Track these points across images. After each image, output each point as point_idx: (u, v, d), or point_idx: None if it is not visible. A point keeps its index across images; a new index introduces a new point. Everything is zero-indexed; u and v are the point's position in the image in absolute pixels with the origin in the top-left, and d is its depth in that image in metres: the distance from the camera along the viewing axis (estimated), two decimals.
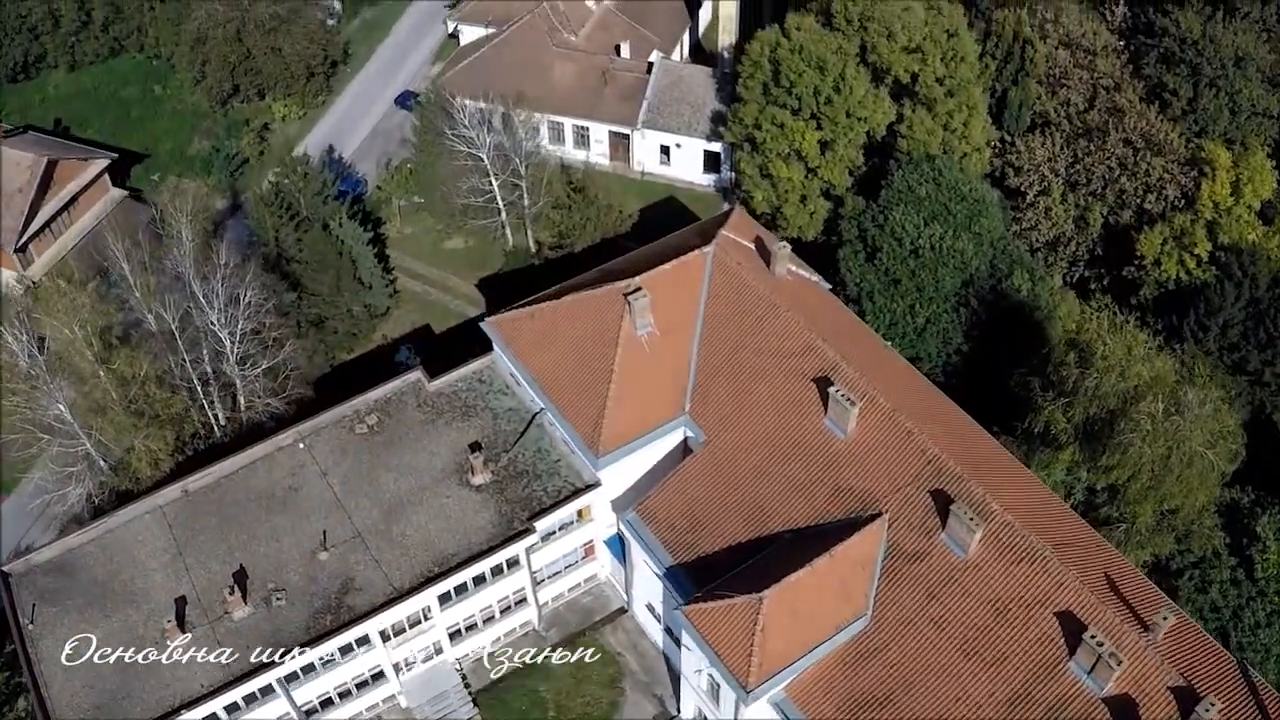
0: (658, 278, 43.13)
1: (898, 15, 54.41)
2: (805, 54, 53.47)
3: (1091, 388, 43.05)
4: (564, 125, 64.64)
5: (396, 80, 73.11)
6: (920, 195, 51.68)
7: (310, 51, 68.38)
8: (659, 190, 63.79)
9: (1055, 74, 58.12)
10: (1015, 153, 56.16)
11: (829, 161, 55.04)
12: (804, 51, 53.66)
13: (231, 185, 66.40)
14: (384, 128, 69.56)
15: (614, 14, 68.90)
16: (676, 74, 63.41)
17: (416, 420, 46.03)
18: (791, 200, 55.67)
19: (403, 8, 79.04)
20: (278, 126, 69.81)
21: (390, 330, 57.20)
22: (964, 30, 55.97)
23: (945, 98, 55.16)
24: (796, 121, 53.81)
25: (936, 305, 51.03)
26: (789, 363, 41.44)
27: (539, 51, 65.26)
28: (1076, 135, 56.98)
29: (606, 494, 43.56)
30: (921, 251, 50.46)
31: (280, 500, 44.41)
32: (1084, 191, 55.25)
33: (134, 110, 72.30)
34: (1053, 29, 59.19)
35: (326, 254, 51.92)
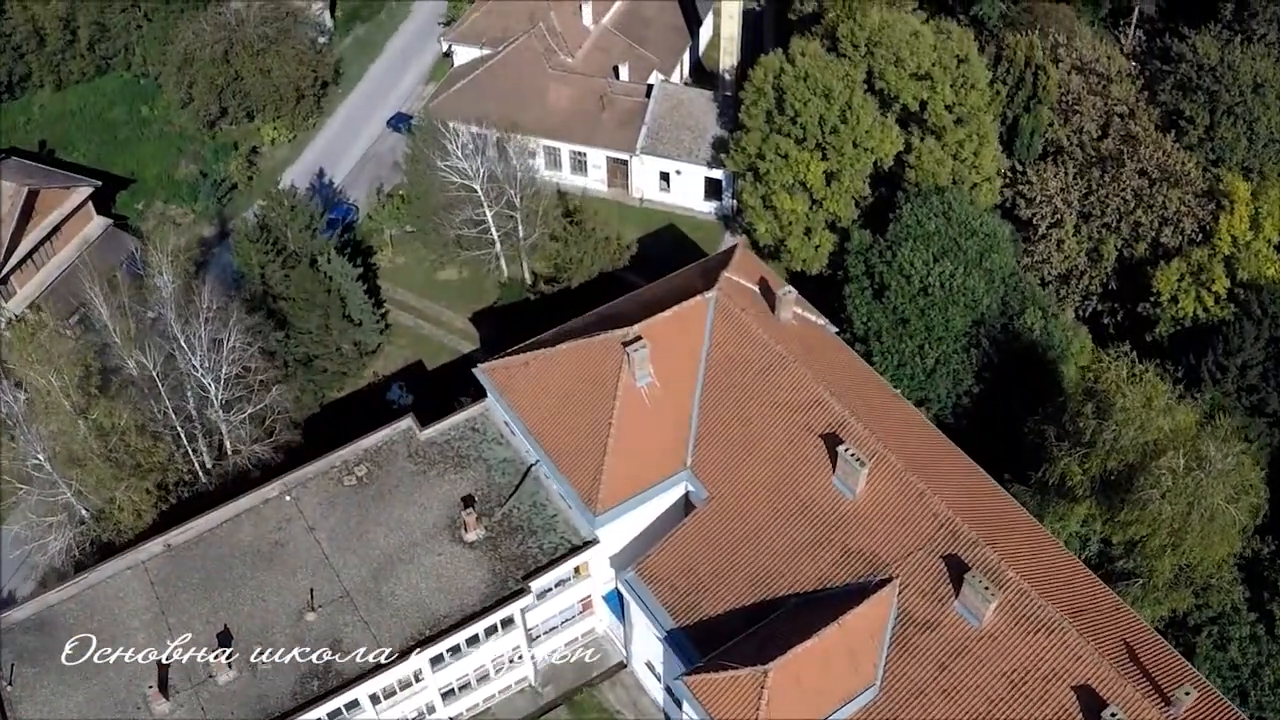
0: (657, 326, 41.43)
1: (906, 41, 52.60)
2: (810, 81, 51.67)
3: (1110, 440, 41.39)
4: (560, 150, 62.81)
5: (389, 100, 71.20)
6: (929, 230, 49.94)
7: (300, 73, 66.47)
8: (658, 218, 61.97)
9: (1068, 100, 56.29)
10: (1027, 183, 54.37)
11: (834, 193, 53.26)
12: (809, 79, 51.86)
13: (219, 212, 64.60)
14: (376, 151, 67.69)
15: (612, 34, 66.97)
16: (676, 98, 61.55)
17: (407, 471, 44.38)
18: (795, 233, 53.89)
19: (396, 24, 77.04)
20: (267, 150, 67.93)
21: (381, 367, 55.50)
22: (974, 55, 54.15)
23: (955, 126, 53.36)
24: (801, 152, 52.01)
25: (946, 345, 49.33)
26: (795, 417, 39.78)
27: (535, 74, 63.38)
28: (1090, 164, 55.20)
29: (605, 550, 41.94)
30: (931, 290, 48.74)
31: (266, 556, 42.82)
32: (1097, 223, 53.50)
33: (120, 132, 70.41)
34: (1065, 53, 57.33)
35: (314, 292, 50.19)
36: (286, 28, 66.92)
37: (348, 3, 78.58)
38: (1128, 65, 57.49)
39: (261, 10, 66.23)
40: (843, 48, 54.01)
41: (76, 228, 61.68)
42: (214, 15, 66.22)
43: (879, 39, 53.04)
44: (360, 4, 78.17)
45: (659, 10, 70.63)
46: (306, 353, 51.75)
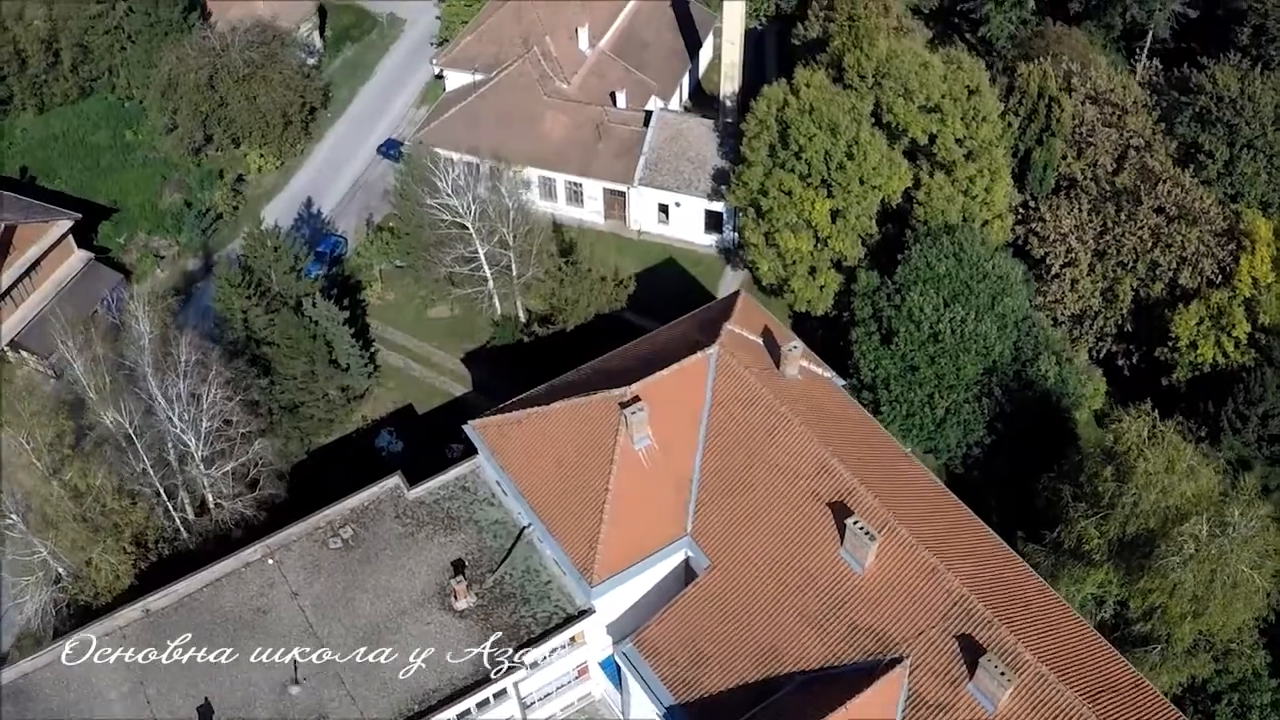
0: (656, 385, 39.55)
1: (915, 72, 50.59)
2: (816, 115, 49.66)
3: (1129, 504, 39.65)
4: (555, 180, 60.83)
5: (380, 125, 69.12)
6: (940, 273, 48.06)
7: (287, 99, 64.35)
8: (657, 252, 60.00)
9: (1081, 132, 54.31)
10: (1039, 220, 52.44)
11: (840, 230, 51.32)
12: (814, 112, 49.86)
13: (204, 244, 62.64)
14: (366, 179, 65.63)
15: (609, 58, 64.87)
16: (675, 127, 59.50)
17: (395, 533, 42.56)
18: (799, 272, 51.97)
19: (387, 44, 74.84)
20: (253, 178, 65.88)
21: (371, 411, 53.62)
22: (985, 87, 52.17)
23: (965, 161, 51.41)
24: (806, 190, 50.04)
25: (957, 395, 47.53)
26: (801, 483, 37.94)
27: (529, 101, 61.32)
28: (1104, 198, 53.28)
29: (602, 619, 40.18)
30: (941, 336, 46.90)
31: (248, 624, 41.01)
32: (1113, 262, 51.56)
33: (104, 158, 68.29)
34: (1079, 82, 55.30)
35: (299, 338, 48.30)
36: (273, 52, 64.80)
37: (338, 22, 76.62)
38: (1143, 95, 55.49)
39: (247, 35, 64.11)
40: (849, 78, 52.04)
41: (56, 262, 59.66)
42: (198, 40, 64.12)
43: (887, 70, 51.07)
44: (350, 24, 76.08)
45: (658, 33, 68.56)
46: (292, 399, 49.89)
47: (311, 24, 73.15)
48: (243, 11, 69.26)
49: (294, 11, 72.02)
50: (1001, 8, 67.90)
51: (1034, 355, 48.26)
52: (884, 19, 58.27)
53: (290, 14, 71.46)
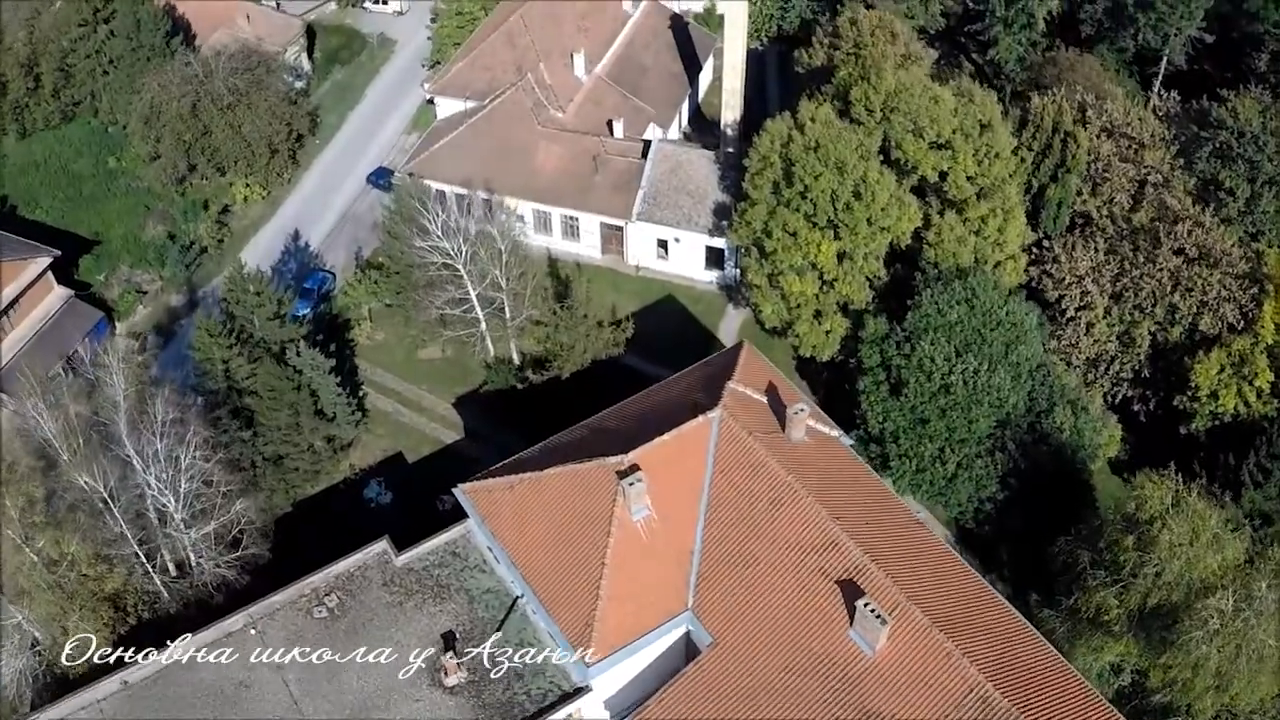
0: (656, 452, 37.66)
1: (925, 108, 48.55)
2: (822, 152, 47.60)
3: (1152, 575, 37.82)
4: (551, 214, 58.84)
5: (370, 152, 67.03)
6: (951, 320, 46.12)
7: (273, 128, 62.25)
8: (656, 289, 58.00)
9: (1097, 166, 52.30)
10: (1054, 262, 50.47)
11: (847, 273, 49.35)
12: (820, 149, 47.82)
13: (188, 279, 60.62)
14: (355, 210, 63.60)
15: (606, 84, 62.78)
16: (675, 159, 57.45)
17: (383, 602, 40.68)
18: (804, 316, 50.02)
19: (378, 66, 72.68)
20: (239, 209, 63.84)
21: (359, 459, 51.65)
22: (998, 121, 50.13)
23: (977, 200, 49.46)
24: (812, 231, 48.04)
25: (969, 448, 45.62)
26: (808, 559, 36.09)
27: (523, 131, 59.26)
28: (1121, 237, 51.34)
29: (599, 695, 38.37)
30: (953, 388, 44.99)
31: (230, 699, 39.12)
32: (1130, 305, 49.61)
33: (86, 186, 66.19)
34: (1094, 115, 53.26)
35: (281, 390, 46.37)
36: (259, 78, 62.64)
37: (327, 44, 74.42)
38: (1161, 129, 53.44)
39: (231, 61, 61.98)
40: (855, 112, 49.99)
41: (35, 300, 57.55)
42: (180, 67, 61.99)
43: (895, 104, 49.01)
44: (340, 45, 73.93)
45: (656, 56, 66.48)
46: (276, 451, 47.97)
47: (299, 46, 71.01)
48: (226, 38, 67.18)
49: (281, 34, 69.96)
50: (1010, 30, 65.78)
51: (1049, 406, 46.38)
52: (891, 46, 56.19)
53: (277, 36, 69.38)
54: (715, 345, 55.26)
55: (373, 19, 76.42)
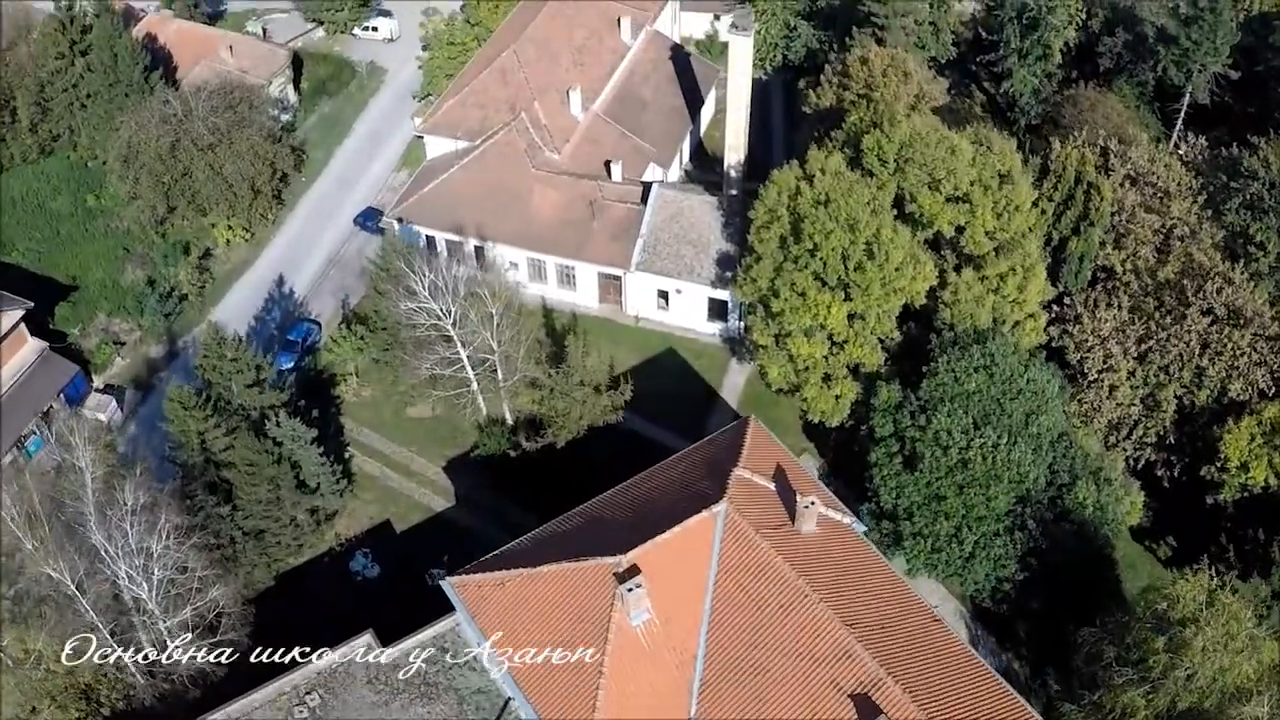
0: (657, 551, 35.14)
1: (942, 159, 45.86)
2: (832, 208, 44.98)
3: (1182, 678, 35.46)
4: (546, 263, 56.21)
5: (358, 190, 64.37)
6: (969, 389, 43.56)
7: (256, 169, 59.55)
8: (656, 342, 55.38)
9: (1121, 217, 49.67)
10: (1076, 322, 47.88)
11: (858, 334, 46.78)
12: (830, 204, 45.19)
13: (168, 328, 58.05)
14: (343, 255, 60.93)
15: (603, 122, 60.01)
16: (676, 206, 54.75)
17: (367, 702, 38.22)
18: (813, 380, 47.44)
19: (366, 98, 69.97)
20: (221, 252, 61.21)
21: (345, 528, 49.13)
22: (1018, 172, 47.45)
23: (996, 257, 46.86)
24: (821, 293, 45.45)
25: (987, 526, 43.10)
26: (820, 670, 33.61)
27: (516, 175, 56.57)
28: (1145, 293, 48.79)
29: None
30: (971, 463, 42.45)
31: None
32: (1155, 367, 47.09)
33: (64, 225, 63.58)
34: (1119, 162, 50.57)
35: (260, 464, 43.89)
36: (241, 116, 59.87)
37: (314, 73, 71.60)
38: (1188, 178, 50.75)
39: (211, 99, 59.21)
40: (868, 161, 47.28)
41: (7, 355, 54.64)
42: (159, 105, 59.25)
43: (910, 155, 46.33)
44: (328, 75, 71.19)
45: (656, 90, 63.71)
46: (256, 526, 45.52)
47: (285, 78, 68.27)
48: (208, 71, 64.46)
49: (266, 65, 67.23)
50: (1025, 61, 63.07)
51: (1071, 480, 43.88)
52: (904, 86, 53.52)
53: (262, 68, 66.67)
54: (718, 404, 52.80)
55: (362, 46, 73.72)
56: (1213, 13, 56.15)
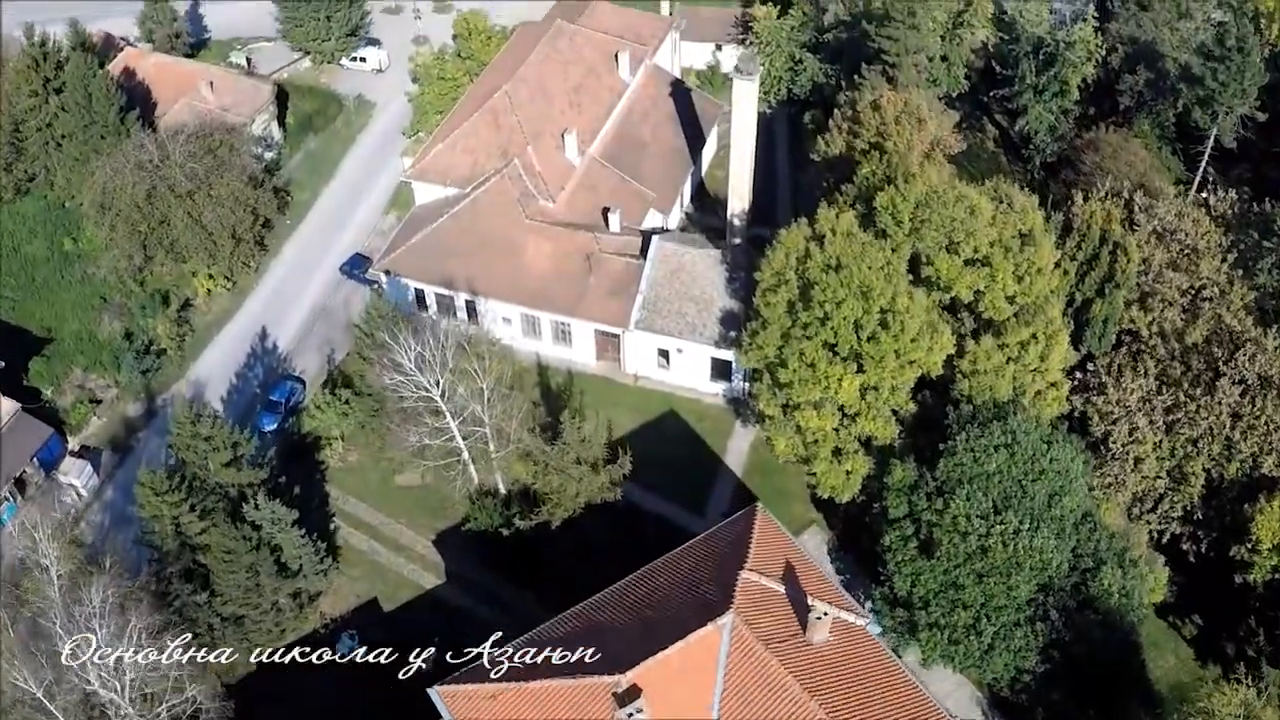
0: (659, 668, 32.70)
1: (961, 220, 43.26)
2: (844, 274, 42.39)
3: None
4: (540, 318, 53.63)
5: (345, 234, 61.72)
6: (989, 470, 41.12)
7: (237, 216, 56.85)
8: (656, 402, 52.82)
9: (1148, 275, 47.07)
10: (1101, 392, 45.36)
11: (870, 406, 44.28)
12: (842, 269, 42.62)
13: (146, 385, 55.50)
14: (328, 305, 58.30)
15: (600, 166, 57.30)
16: (677, 260, 52.09)
17: None
18: (822, 454, 44.96)
19: (354, 133, 67.19)
20: (201, 302, 58.59)
21: (330, 606, 46.68)
22: (1040, 231, 44.86)
23: (1017, 323, 44.31)
24: (832, 365, 42.94)
25: (1007, 616, 40.70)
26: None
27: (509, 225, 53.92)
28: (1173, 356, 46.30)
29: None
30: (991, 550, 40.02)
31: None
32: (1184, 439, 44.62)
33: (40, 272, 60.84)
34: (1145, 218, 47.96)
35: (238, 550, 41.47)
36: (221, 160, 57.17)
37: (300, 108, 68.77)
38: (1217, 234, 48.16)
39: (189, 144, 56.42)
40: (881, 221, 44.68)
41: None
42: (134, 149, 56.50)
43: (927, 216, 43.72)
44: (314, 109, 68.44)
45: (655, 129, 60.98)
46: (235, 612, 43.13)
47: (269, 114, 65.48)
48: (187, 111, 61.63)
49: (249, 102, 64.43)
50: (1041, 98, 60.42)
51: (1095, 565, 41.49)
52: (918, 134, 50.90)
53: (244, 105, 63.86)
54: (723, 471, 50.29)
55: (350, 78, 70.93)
56: (1241, 53, 53.47)
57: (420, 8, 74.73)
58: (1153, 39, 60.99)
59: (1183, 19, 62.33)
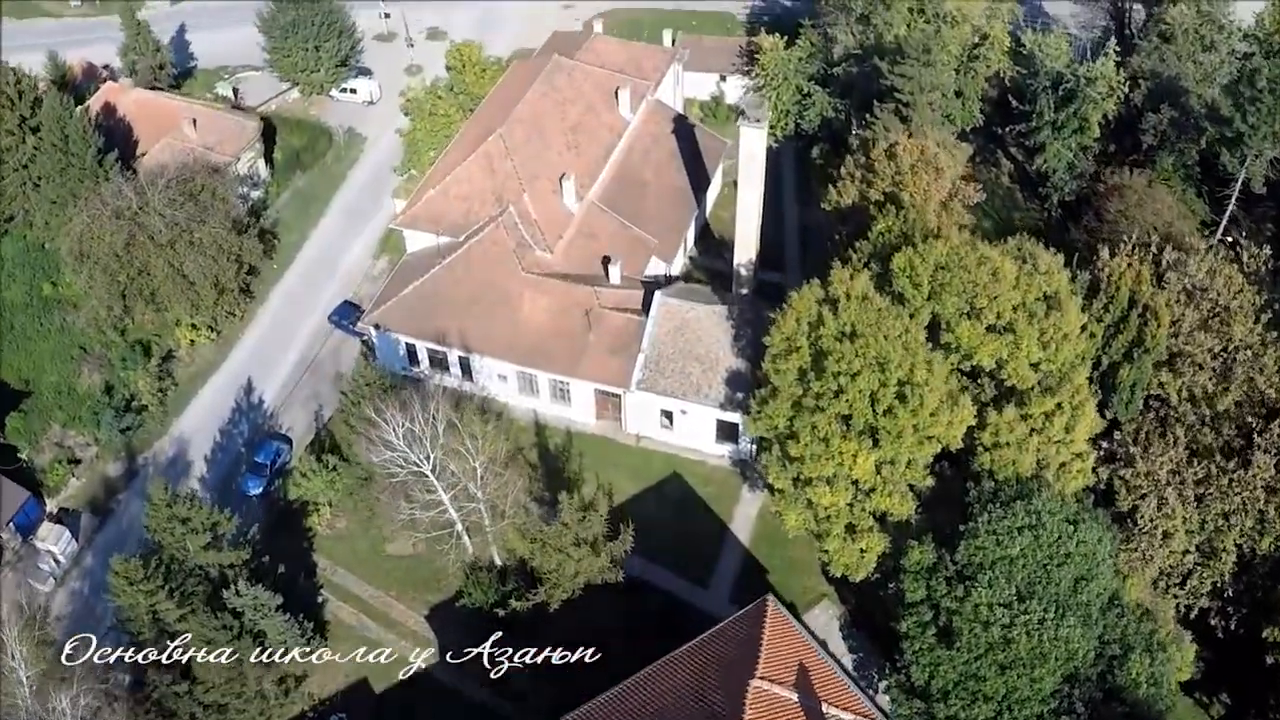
0: None
1: (984, 285, 40.76)
2: (860, 344, 39.93)
3: None
4: (538, 376, 51.22)
5: (334, 278, 59.26)
6: (1012, 554, 38.72)
7: (219, 265, 54.40)
8: (659, 465, 50.39)
9: (1178, 338, 44.60)
10: (1129, 464, 42.95)
11: (886, 480, 41.91)
12: (858, 339, 40.15)
13: (126, 444, 53.18)
14: (317, 358, 55.83)
15: (600, 212, 54.80)
16: (681, 317, 49.62)
17: None
18: (835, 530, 42.61)
19: (344, 170, 64.73)
20: (184, 353, 56.20)
21: (319, 685, 44.37)
22: (1066, 294, 42.32)
23: (1041, 393, 41.87)
24: (847, 441, 40.53)
25: (1030, 710, 38.38)
26: None
27: (504, 277, 51.43)
28: (1202, 423, 43.92)
29: None
30: (1015, 641, 37.72)
31: None
32: (1215, 512, 42.29)
33: (18, 319, 58.44)
34: (1175, 276, 45.45)
35: (219, 640, 39.21)
36: (204, 205, 54.72)
37: (288, 142, 66.19)
38: (1250, 291, 45.66)
39: (168, 190, 53.82)
40: (898, 284, 42.14)
41: None
42: (113, 195, 54.00)
43: (947, 280, 41.17)
44: (303, 144, 65.90)
45: (658, 169, 58.44)
46: (217, 700, 40.88)
47: (255, 152, 63.00)
48: (168, 152, 59.06)
49: (234, 140, 61.97)
50: (1060, 135, 57.82)
51: (1123, 652, 39.21)
52: (935, 182, 48.39)
53: (229, 144, 61.45)
54: (729, 540, 47.93)
55: (340, 110, 68.46)
56: (1273, 94, 50.88)
57: (413, 36, 72.23)
58: (1176, 74, 58.40)
59: (1207, 52, 59.78)
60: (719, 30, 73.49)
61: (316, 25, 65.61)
